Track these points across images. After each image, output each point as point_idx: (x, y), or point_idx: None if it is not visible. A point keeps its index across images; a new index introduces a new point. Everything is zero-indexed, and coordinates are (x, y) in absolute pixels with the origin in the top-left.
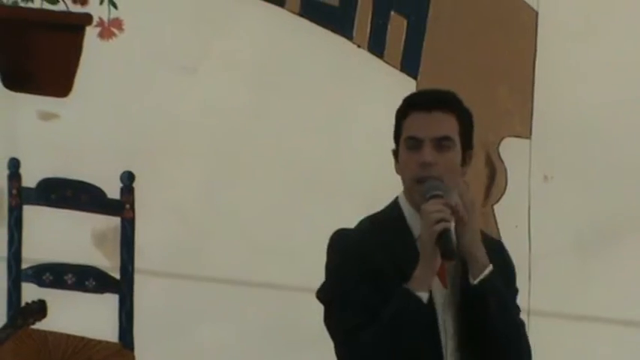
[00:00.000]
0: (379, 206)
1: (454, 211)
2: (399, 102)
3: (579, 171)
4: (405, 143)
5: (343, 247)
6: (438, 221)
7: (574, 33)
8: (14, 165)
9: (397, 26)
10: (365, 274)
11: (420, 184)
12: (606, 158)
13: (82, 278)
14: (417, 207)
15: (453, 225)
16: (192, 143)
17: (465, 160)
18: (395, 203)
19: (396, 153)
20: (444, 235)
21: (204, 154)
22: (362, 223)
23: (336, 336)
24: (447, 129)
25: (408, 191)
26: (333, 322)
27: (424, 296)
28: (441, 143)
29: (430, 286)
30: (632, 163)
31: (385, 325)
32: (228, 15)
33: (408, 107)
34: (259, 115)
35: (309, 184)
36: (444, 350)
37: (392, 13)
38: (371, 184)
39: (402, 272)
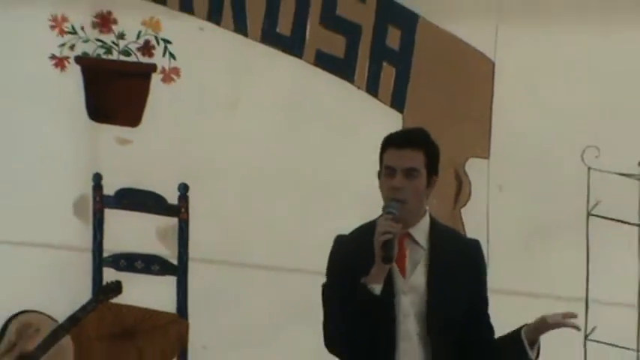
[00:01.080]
0: (376, 214)
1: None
2: (389, 130)
3: (525, 183)
4: (384, 170)
5: (333, 250)
6: (384, 233)
7: (521, 79)
8: (97, 178)
9: (388, 74)
10: (343, 271)
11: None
12: (545, 173)
13: (148, 264)
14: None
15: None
16: (232, 162)
17: (430, 183)
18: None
19: (379, 174)
20: (387, 243)
21: (240, 170)
22: (355, 230)
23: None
24: (415, 162)
25: (384, 207)
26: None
27: (377, 288)
28: (410, 173)
29: (382, 281)
30: (563, 178)
31: (347, 310)
32: (260, 64)
33: (386, 144)
34: (284, 141)
35: (321, 194)
36: (397, 326)
37: (384, 63)
38: (369, 195)
39: (369, 270)
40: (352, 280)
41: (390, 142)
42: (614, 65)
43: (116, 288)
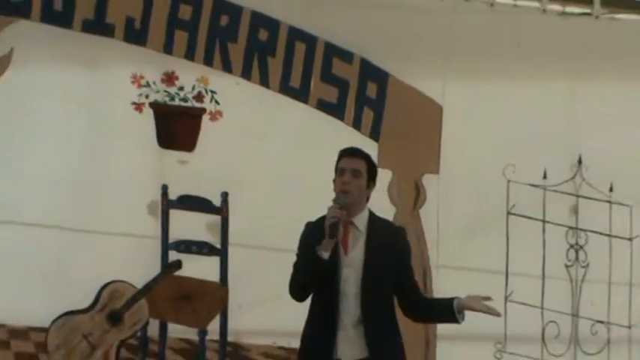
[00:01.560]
0: None
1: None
2: (371, 153)
3: (464, 191)
4: (338, 171)
5: (302, 232)
6: (331, 217)
7: (461, 118)
8: (165, 188)
9: (368, 115)
10: (305, 245)
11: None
12: (478, 184)
13: (200, 248)
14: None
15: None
16: (259, 176)
17: (369, 186)
18: None
19: (334, 181)
20: (333, 225)
21: (265, 182)
22: (318, 218)
23: None
24: (359, 166)
25: (334, 199)
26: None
27: (325, 254)
28: (355, 173)
29: (329, 250)
30: (490, 188)
31: (302, 269)
32: (278, 108)
33: (342, 154)
34: (296, 160)
35: (321, 196)
36: (342, 292)
37: (365, 107)
38: None
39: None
40: (311, 250)
41: (344, 153)
42: (526, 106)
43: (177, 265)
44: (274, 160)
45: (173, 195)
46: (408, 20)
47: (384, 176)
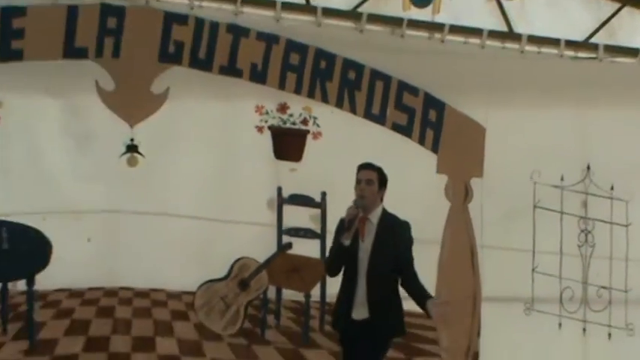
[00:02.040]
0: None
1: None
2: (433, 163)
3: (503, 191)
4: (356, 181)
5: (337, 225)
6: (349, 215)
7: (500, 138)
8: (279, 189)
9: (430, 134)
10: (337, 236)
11: (360, 205)
12: (513, 185)
13: (305, 233)
14: (359, 210)
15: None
16: (347, 180)
17: (380, 190)
18: None
19: (355, 188)
20: (350, 221)
21: (350, 184)
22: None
23: None
24: (371, 176)
25: (354, 201)
26: None
27: (346, 242)
28: (368, 182)
29: (349, 239)
30: (523, 188)
31: (331, 252)
32: (364, 129)
33: (359, 168)
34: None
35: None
36: (359, 270)
37: (427, 128)
38: (424, 191)
39: (345, 235)
40: (338, 238)
41: (360, 167)
42: (547, 128)
43: (289, 245)
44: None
45: (285, 194)
46: (460, 63)
47: (441, 179)
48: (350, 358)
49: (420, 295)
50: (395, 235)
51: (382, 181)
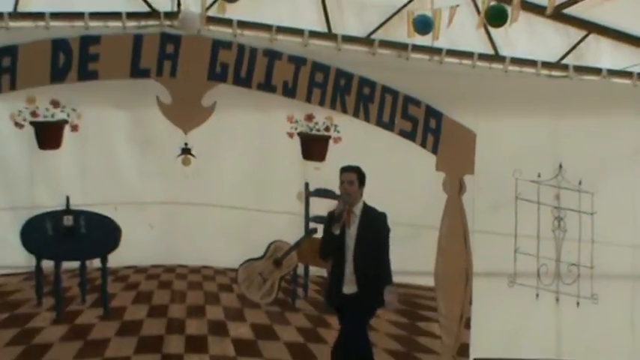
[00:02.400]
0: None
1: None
2: (432, 161)
3: (491, 185)
4: (340, 182)
5: (326, 217)
6: (338, 209)
7: (488, 141)
8: (306, 184)
9: (430, 138)
10: (326, 224)
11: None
12: (498, 180)
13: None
14: (344, 201)
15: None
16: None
17: (360, 187)
18: None
19: (339, 187)
20: (339, 213)
21: (368, 180)
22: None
23: None
24: (352, 177)
25: (340, 197)
26: None
27: (336, 231)
28: (350, 182)
29: (339, 229)
30: (507, 184)
31: (323, 240)
32: (375, 135)
33: (341, 170)
34: (387, 167)
35: (408, 184)
36: (346, 253)
37: (428, 134)
38: (427, 187)
39: (335, 223)
40: (328, 228)
41: (342, 170)
42: (527, 134)
43: (314, 231)
44: (374, 166)
45: (311, 188)
46: (455, 81)
47: (440, 176)
48: (340, 333)
49: (384, 278)
50: (375, 224)
51: (361, 179)
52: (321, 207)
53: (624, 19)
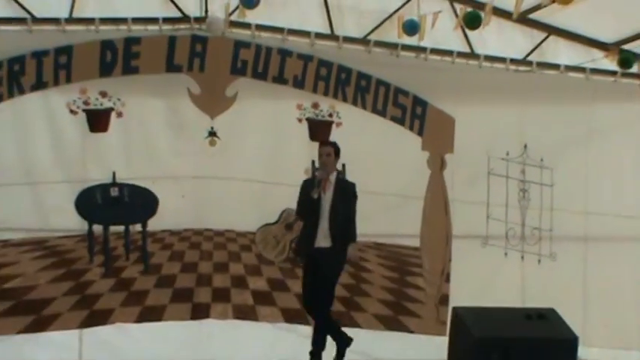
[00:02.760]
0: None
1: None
2: (418, 142)
3: (466, 162)
4: (319, 154)
5: (302, 185)
6: (318, 177)
7: (464, 125)
8: (312, 162)
9: (417, 123)
10: (304, 191)
11: (322, 169)
12: (473, 157)
13: None
14: (321, 171)
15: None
16: (362, 155)
17: (336, 159)
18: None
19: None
20: (319, 182)
21: (366, 158)
22: (309, 178)
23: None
24: (329, 151)
25: (319, 167)
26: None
27: (315, 196)
28: (327, 155)
29: (317, 194)
30: (480, 161)
31: (301, 203)
32: (371, 120)
33: (320, 145)
34: (380, 147)
35: (396, 162)
36: (321, 214)
37: (415, 120)
38: (409, 164)
39: (313, 189)
40: (307, 194)
41: (321, 144)
42: (499, 119)
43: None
44: (369, 146)
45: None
46: (437, 75)
47: (424, 155)
48: (312, 280)
49: (350, 236)
50: (347, 191)
51: (336, 152)
52: None
53: (579, 23)
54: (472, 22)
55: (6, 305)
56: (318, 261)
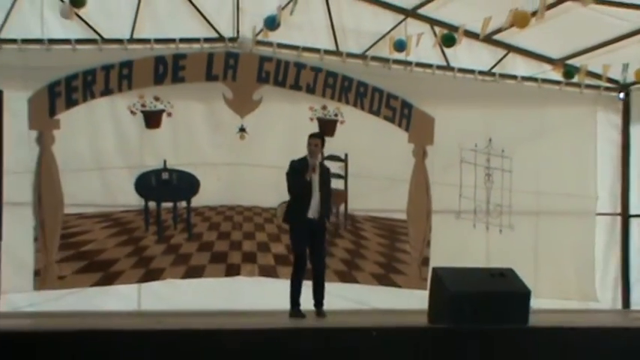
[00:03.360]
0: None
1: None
2: (405, 137)
3: (443, 153)
4: (308, 144)
5: (290, 164)
6: (312, 163)
7: (440, 124)
8: (322, 152)
9: (404, 121)
10: (294, 171)
11: (312, 156)
12: (449, 150)
13: (336, 176)
14: (311, 157)
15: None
16: (361, 146)
17: (322, 148)
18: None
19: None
20: (312, 165)
21: (364, 148)
22: (300, 158)
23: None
24: (317, 142)
25: (309, 154)
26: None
27: (308, 178)
28: (316, 145)
29: (310, 177)
30: (455, 152)
31: (296, 182)
32: (367, 119)
33: (310, 136)
34: (376, 140)
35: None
36: (313, 190)
37: (403, 119)
38: (398, 157)
39: (304, 171)
40: (300, 175)
41: (311, 136)
42: (469, 118)
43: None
44: (366, 140)
45: (325, 154)
46: (421, 83)
47: (410, 146)
48: (311, 244)
49: (327, 213)
50: (327, 174)
51: (322, 143)
52: (332, 167)
53: (532, 43)
54: (448, 41)
55: (81, 264)
56: (313, 228)
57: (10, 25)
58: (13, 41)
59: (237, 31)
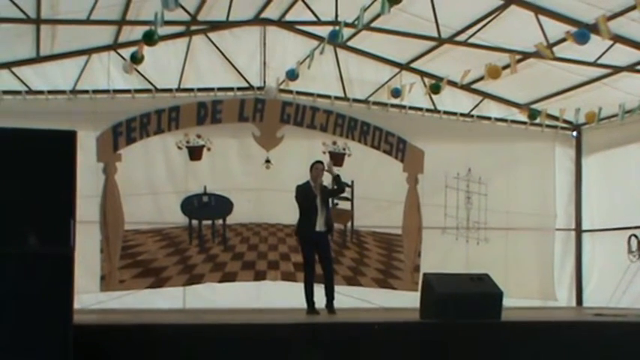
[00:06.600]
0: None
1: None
2: (400, 167)
3: (432, 179)
4: (315, 168)
5: (297, 188)
6: (320, 186)
7: (429, 155)
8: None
9: (399, 154)
10: (302, 194)
11: (314, 180)
12: (436, 175)
13: (344, 199)
14: (314, 181)
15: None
16: (366, 172)
17: (323, 173)
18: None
19: (310, 172)
20: (315, 187)
21: (367, 174)
22: (303, 183)
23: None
24: (321, 167)
25: (312, 179)
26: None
27: (317, 199)
28: (320, 170)
29: (315, 195)
30: (439, 177)
31: (304, 202)
32: (369, 152)
33: (314, 163)
34: (376, 168)
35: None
36: (318, 208)
37: (398, 152)
38: (397, 180)
39: (310, 193)
40: (309, 196)
41: (314, 163)
42: (453, 151)
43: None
44: (369, 169)
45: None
46: (414, 123)
47: (404, 174)
48: (319, 253)
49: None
50: (326, 194)
51: (323, 168)
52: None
53: (503, 91)
54: (435, 89)
55: (138, 270)
56: (320, 241)
57: (83, 79)
58: (86, 92)
59: (264, 82)
